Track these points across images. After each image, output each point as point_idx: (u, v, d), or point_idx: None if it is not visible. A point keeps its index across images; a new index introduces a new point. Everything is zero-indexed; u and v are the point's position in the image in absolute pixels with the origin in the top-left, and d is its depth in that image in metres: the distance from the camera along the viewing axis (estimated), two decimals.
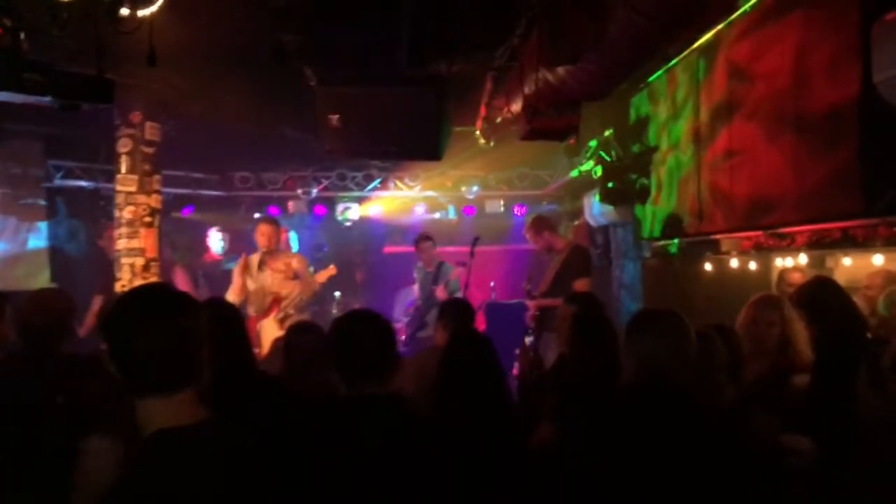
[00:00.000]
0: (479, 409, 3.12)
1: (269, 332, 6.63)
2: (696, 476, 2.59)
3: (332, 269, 7.31)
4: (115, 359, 1.88)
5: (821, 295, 3.64)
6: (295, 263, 7.02)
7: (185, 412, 1.90)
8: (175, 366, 1.89)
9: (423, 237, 8.48)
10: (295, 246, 9.17)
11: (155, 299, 1.97)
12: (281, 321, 6.68)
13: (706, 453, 2.64)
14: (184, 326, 1.92)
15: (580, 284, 6.49)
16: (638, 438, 2.69)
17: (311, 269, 7.69)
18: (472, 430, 3.05)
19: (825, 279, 4.01)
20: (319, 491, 2.59)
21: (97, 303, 7.52)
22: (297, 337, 4.13)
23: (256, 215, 11.65)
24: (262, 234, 6.96)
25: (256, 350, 5.06)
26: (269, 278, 6.88)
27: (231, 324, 3.55)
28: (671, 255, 7.27)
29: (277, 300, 6.72)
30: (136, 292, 2.04)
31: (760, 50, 4.88)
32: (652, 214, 7.18)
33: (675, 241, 6.92)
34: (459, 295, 7.69)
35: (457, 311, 4.65)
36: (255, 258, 6.98)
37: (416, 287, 8.69)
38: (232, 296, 6.67)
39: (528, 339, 6.82)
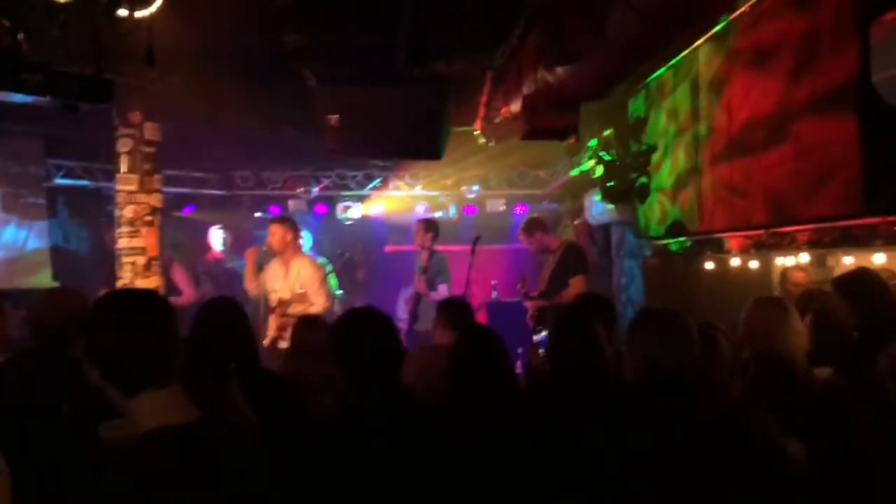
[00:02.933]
0: (491, 407, 3.12)
1: (271, 328, 6.63)
2: (697, 474, 2.59)
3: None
4: (99, 360, 1.92)
5: (865, 281, 4.04)
6: (306, 272, 6.89)
7: (176, 410, 1.92)
8: (157, 360, 1.92)
9: (417, 221, 8.26)
10: (307, 246, 9.08)
11: (127, 300, 2.09)
12: (280, 321, 6.64)
13: (708, 452, 2.64)
14: (159, 322, 1.97)
15: (576, 282, 6.49)
16: (640, 436, 2.70)
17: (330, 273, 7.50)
18: (484, 427, 3.05)
19: (866, 269, 4.42)
20: (328, 488, 2.59)
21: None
22: (304, 333, 4.20)
23: (257, 214, 11.67)
24: (269, 234, 6.89)
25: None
26: (279, 277, 6.83)
27: (233, 322, 3.57)
28: (672, 253, 7.27)
29: (282, 301, 6.67)
30: (107, 297, 2.15)
31: (760, 49, 4.88)
32: (652, 213, 7.18)
33: (676, 239, 6.92)
34: (444, 287, 7.59)
35: (457, 311, 4.62)
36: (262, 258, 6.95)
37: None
38: (248, 284, 6.83)
39: (537, 337, 6.82)
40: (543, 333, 7.09)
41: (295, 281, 6.74)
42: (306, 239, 8.91)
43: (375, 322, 2.96)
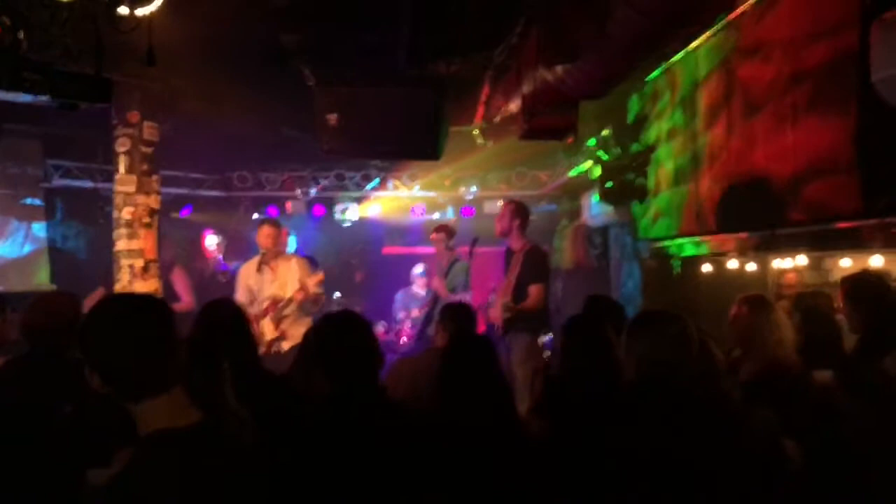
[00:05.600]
0: (481, 410, 3.12)
1: (265, 332, 6.62)
2: (696, 474, 2.59)
3: (320, 276, 7.16)
4: (99, 368, 1.90)
5: (871, 283, 4.03)
6: (295, 266, 6.96)
7: (179, 413, 1.92)
8: (157, 367, 1.91)
9: (436, 228, 8.21)
10: (292, 247, 9.14)
11: (126, 306, 2.03)
12: (277, 322, 6.64)
13: (707, 450, 2.64)
14: (157, 328, 1.96)
15: (534, 290, 6.29)
16: (639, 437, 2.70)
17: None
18: (474, 430, 3.05)
19: (871, 271, 4.50)
20: (317, 489, 2.59)
21: (99, 295, 7.50)
22: None
23: (255, 216, 11.66)
24: (263, 235, 6.93)
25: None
26: (268, 280, 6.85)
27: (233, 323, 3.56)
28: (670, 255, 7.27)
29: (275, 301, 6.68)
30: (105, 303, 2.08)
31: (760, 50, 4.89)
32: (650, 214, 7.18)
33: (674, 241, 6.92)
34: (464, 293, 7.55)
35: (456, 314, 4.62)
36: (254, 261, 6.95)
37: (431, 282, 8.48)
38: (238, 299, 6.67)
39: (542, 339, 6.77)
40: (549, 335, 7.06)
41: (287, 280, 6.76)
42: (291, 242, 8.96)
43: (356, 327, 2.99)
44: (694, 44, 5.82)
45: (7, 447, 3.00)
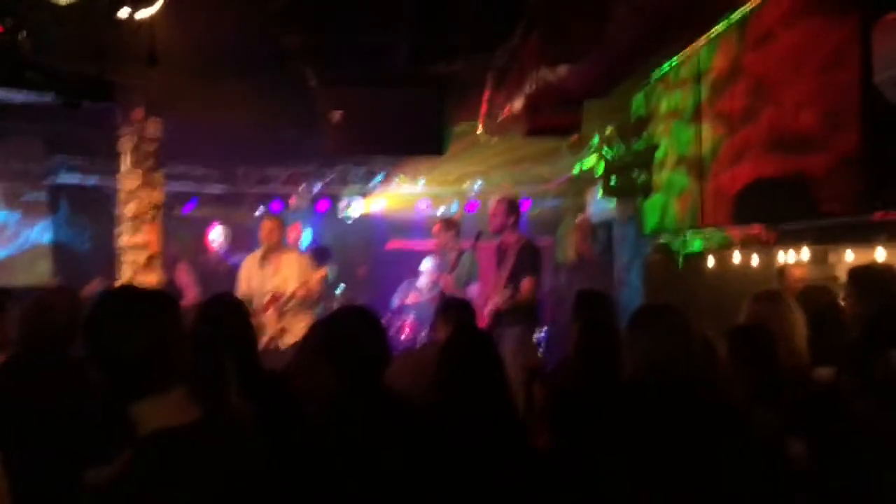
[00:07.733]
0: (479, 406, 3.12)
1: (267, 327, 6.62)
2: (699, 470, 2.59)
3: (322, 272, 7.13)
4: (102, 364, 1.86)
5: (879, 276, 4.01)
6: (297, 261, 6.95)
7: (178, 411, 1.89)
8: (163, 364, 1.87)
9: (440, 223, 8.11)
10: (307, 242, 9.11)
11: (132, 300, 1.96)
12: (278, 317, 6.63)
13: (709, 447, 2.64)
14: (165, 323, 1.91)
15: (526, 283, 6.29)
16: (640, 433, 2.70)
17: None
18: (472, 427, 3.05)
19: (880, 263, 4.42)
20: (321, 488, 2.60)
21: (97, 285, 7.50)
22: None
23: (260, 210, 11.66)
24: (263, 229, 6.92)
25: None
26: (270, 274, 6.84)
27: (234, 319, 3.56)
28: (673, 250, 7.26)
29: (276, 297, 6.66)
30: (112, 295, 2.03)
31: (762, 48, 4.88)
32: (654, 210, 7.17)
33: (678, 236, 6.92)
34: (475, 287, 7.52)
35: (456, 309, 4.62)
36: (256, 255, 6.95)
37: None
38: (239, 294, 6.64)
39: (537, 336, 6.75)
40: (543, 332, 7.06)
41: (289, 275, 6.75)
42: (305, 236, 8.92)
43: (369, 322, 2.95)
44: (698, 41, 5.81)
45: (5, 447, 3.01)
